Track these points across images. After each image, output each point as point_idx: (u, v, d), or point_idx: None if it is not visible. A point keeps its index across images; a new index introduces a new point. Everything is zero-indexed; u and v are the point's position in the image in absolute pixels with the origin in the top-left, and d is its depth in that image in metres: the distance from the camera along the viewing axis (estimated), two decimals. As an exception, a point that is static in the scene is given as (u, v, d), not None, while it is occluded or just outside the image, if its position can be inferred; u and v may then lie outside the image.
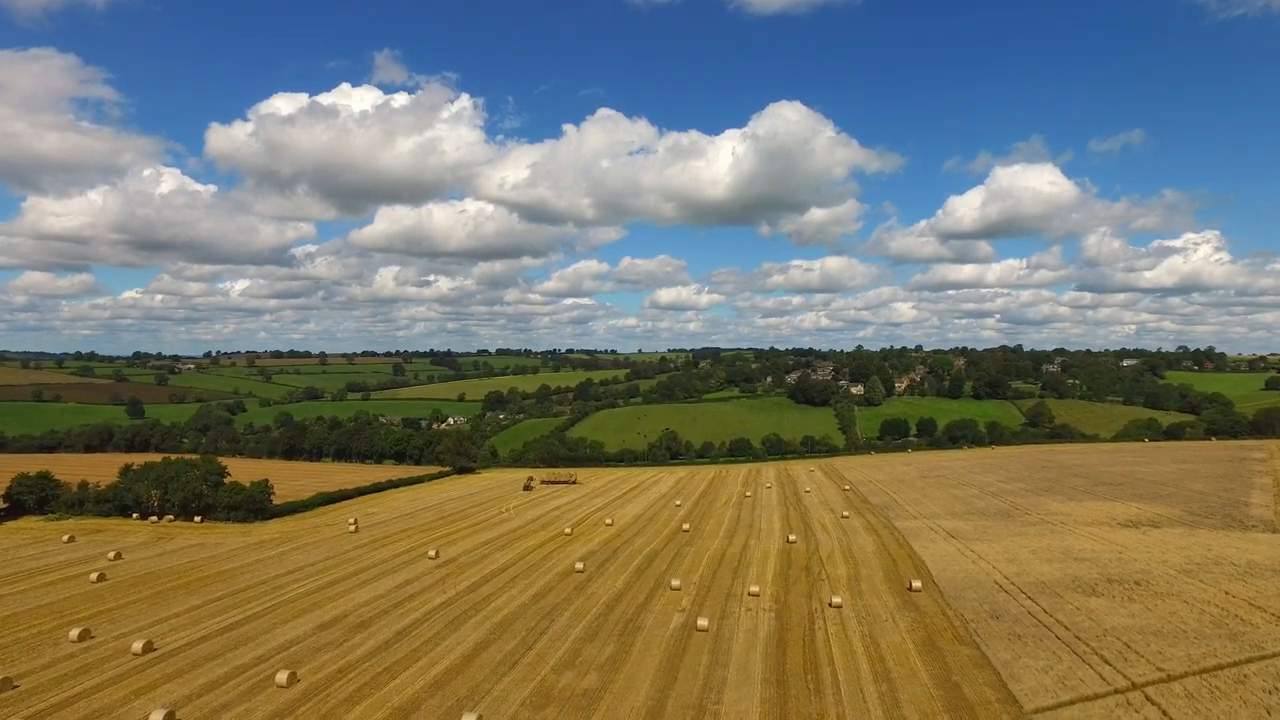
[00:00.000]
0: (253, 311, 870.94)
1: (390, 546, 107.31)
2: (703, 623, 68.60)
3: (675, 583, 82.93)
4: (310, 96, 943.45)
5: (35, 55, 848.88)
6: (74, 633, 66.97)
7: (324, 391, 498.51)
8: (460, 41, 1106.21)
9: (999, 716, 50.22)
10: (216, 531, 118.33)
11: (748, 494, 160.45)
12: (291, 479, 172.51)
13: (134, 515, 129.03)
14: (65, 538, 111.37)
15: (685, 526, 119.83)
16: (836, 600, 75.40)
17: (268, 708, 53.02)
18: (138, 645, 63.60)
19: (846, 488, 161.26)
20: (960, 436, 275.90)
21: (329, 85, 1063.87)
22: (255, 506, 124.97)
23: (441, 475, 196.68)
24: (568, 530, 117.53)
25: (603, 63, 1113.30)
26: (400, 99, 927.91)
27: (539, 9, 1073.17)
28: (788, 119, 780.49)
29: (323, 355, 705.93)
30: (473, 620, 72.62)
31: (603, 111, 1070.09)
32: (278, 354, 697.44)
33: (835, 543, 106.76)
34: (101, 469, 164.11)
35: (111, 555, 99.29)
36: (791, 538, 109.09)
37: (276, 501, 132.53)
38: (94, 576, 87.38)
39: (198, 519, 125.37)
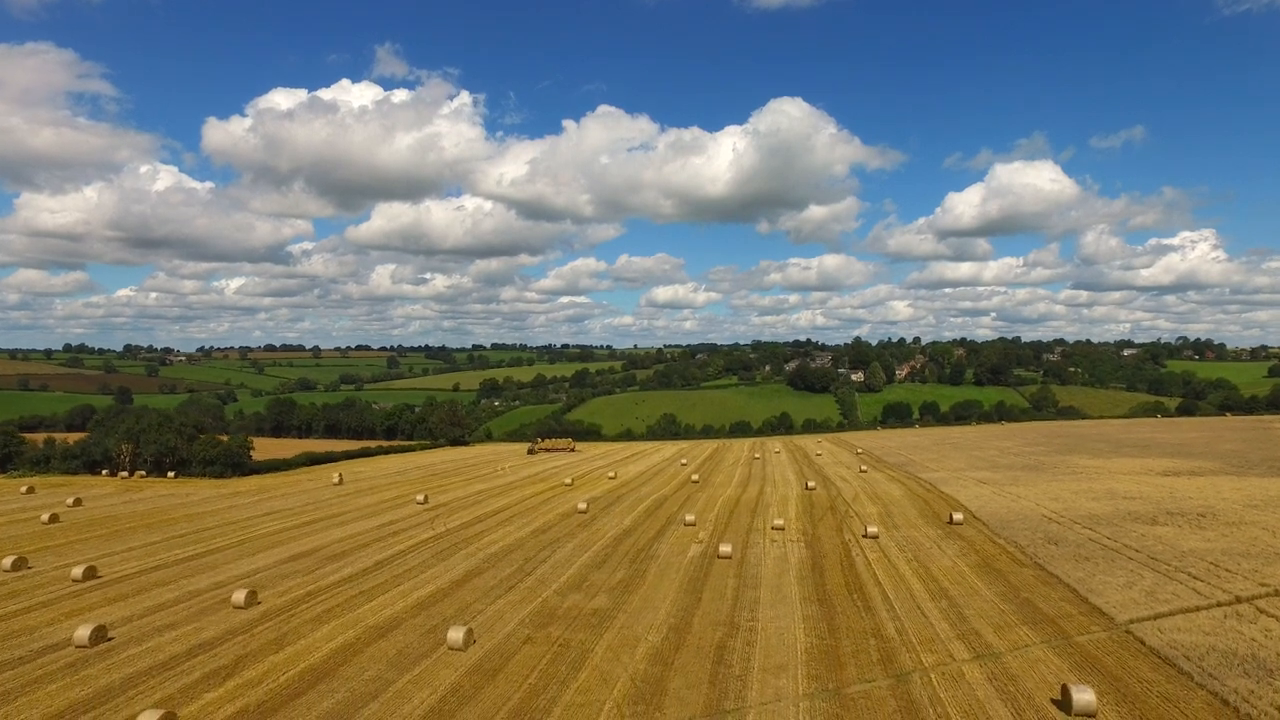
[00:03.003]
0: (248, 309, 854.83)
1: (375, 495, 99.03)
2: (725, 549, 60.56)
3: (689, 518, 74.83)
4: (309, 92, 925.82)
5: (32, 50, 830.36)
6: (7, 562, 58.69)
7: (317, 383, 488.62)
8: (462, 37, 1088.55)
9: (1087, 627, 42.37)
10: (190, 484, 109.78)
11: (756, 456, 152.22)
12: (278, 449, 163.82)
13: (103, 472, 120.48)
14: (24, 489, 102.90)
15: (694, 478, 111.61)
16: (872, 530, 67.51)
17: (219, 627, 44.89)
18: (78, 571, 55.39)
19: (859, 451, 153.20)
20: (967, 415, 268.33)
21: (328, 80, 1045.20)
22: (233, 461, 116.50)
23: (434, 446, 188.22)
24: (568, 481, 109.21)
25: (604, 59, 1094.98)
26: (400, 94, 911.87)
27: (541, 5, 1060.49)
28: (789, 115, 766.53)
29: (316, 349, 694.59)
30: (464, 552, 64.54)
31: (603, 108, 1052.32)
32: (271, 348, 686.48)
33: (858, 489, 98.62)
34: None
35: (70, 502, 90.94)
36: (810, 484, 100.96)
37: (258, 460, 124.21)
38: (45, 517, 79.13)
39: (171, 474, 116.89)
